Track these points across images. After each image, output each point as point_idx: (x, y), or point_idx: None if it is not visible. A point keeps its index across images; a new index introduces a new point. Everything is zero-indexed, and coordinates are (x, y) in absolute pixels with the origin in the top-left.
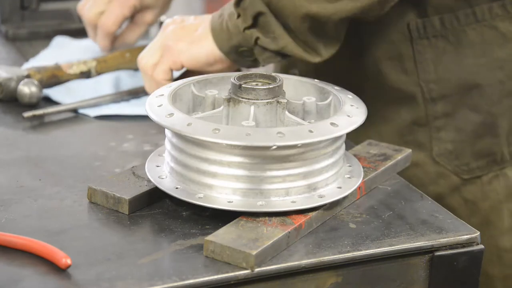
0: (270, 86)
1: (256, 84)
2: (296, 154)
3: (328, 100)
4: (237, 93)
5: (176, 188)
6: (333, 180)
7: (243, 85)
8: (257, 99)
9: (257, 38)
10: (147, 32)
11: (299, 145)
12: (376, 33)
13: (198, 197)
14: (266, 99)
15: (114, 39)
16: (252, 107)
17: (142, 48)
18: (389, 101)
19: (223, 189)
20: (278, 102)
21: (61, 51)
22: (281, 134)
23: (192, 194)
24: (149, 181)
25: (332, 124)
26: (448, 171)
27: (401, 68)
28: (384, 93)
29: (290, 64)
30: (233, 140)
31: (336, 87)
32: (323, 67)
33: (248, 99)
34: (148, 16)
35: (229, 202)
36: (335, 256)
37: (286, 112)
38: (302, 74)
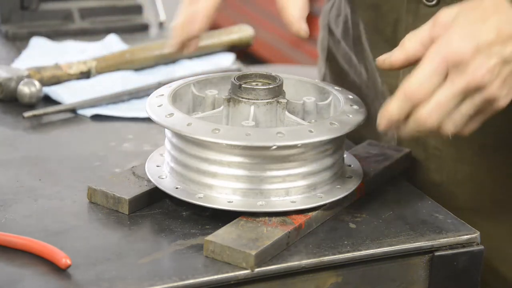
0: (270, 86)
1: (256, 84)
2: (296, 154)
3: (328, 100)
4: (237, 93)
5: (176, 188)
6: (333, 180)
7: (243, 85)
8: (257, 99)
9: None
10: (147, 31)
11: (299, 145)
12: None
13: (198, 197)
14: (266, 99)
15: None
16: (252, 107)
17: (141, 47)
18: None
19: (223, 189)
20: (278, 102)
21: (41, 51)
22: (281, 134)
23: (192, 194)
24: (149, 181)
25: (332, 124)
26: None
27: None
28: None
29: None
30: (233, 140)
31: (336, 87)
32: None
33: (248, 99)
34: None
35: (229, 202)
36: (335, 256)
37: (286, 112)
38: None
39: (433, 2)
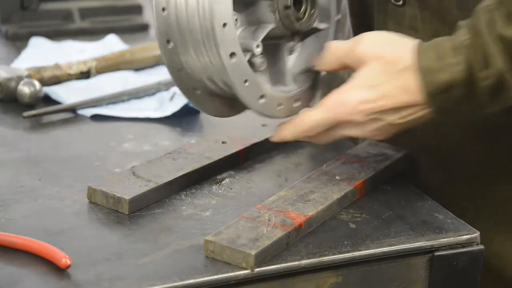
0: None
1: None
2: None
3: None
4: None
5: None
6: None
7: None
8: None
9: None
10: (147, 31)
11: None
12: None
13: None
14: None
15: None
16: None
17: (141, 47)
18: None
19: None
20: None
21: (41, 51)
22: None
23: None
24: (149, 181)
25: None
26: None
27: None
28: None
29: None
30: None
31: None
32: None
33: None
34: None
35: None
36: (335, 256)
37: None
38: None
39: (400, 3)
